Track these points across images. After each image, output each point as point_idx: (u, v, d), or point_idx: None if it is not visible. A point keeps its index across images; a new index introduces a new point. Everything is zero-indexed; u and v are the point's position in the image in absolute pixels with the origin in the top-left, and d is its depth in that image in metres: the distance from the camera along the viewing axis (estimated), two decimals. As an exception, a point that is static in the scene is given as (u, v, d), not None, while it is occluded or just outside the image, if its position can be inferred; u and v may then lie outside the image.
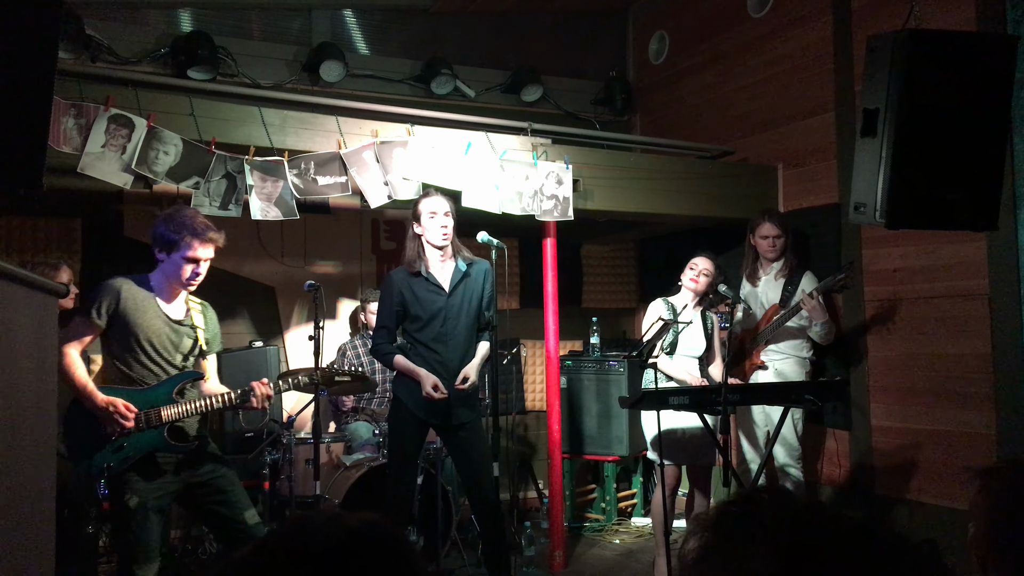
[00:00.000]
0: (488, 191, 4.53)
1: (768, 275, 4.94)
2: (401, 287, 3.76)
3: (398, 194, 4.31)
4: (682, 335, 4.44)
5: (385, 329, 3.75)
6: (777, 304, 4.80)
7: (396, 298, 3.74)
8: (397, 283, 3.76)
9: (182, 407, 3.18)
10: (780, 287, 4.85)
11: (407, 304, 3.77)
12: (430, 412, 3.74)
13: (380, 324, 3.76)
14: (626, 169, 5.12)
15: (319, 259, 5.72)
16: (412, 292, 3.76)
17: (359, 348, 5.32)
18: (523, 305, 6.36)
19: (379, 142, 4.28)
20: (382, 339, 3.75)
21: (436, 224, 3.75)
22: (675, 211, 5.28)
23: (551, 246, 4.88)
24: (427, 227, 3.77)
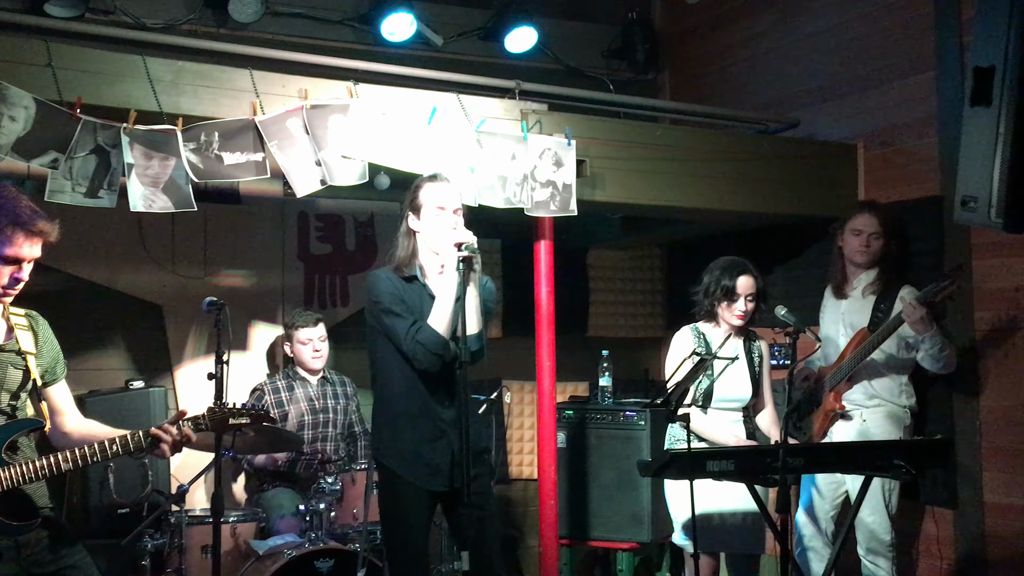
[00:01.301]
0: (460, 175, 4.51)
1: (855, 290, 4.96)
2: (398, 287, 3.78)
3: (335, 178, 4.29)
4: (719, 378, 4.44)
5: (403, 318, 3.69)
6: (866, 328, 4.82)
7: (397, 294, 3.74)
8: (391, 281, 3.78)
9: (17, 469, 3.13)
10: (870, 306, 4.88)
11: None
12: (433, 475, 3.74)
13: (397, 313, 3.69)
14: (650, 147, 5.12)
15: (224, 267, 5.70)
16: (407, 298, 3.77)
17: (283, 392, 5.30)
18: (507, 333, 6.34)
19: (309, 106, 4.27)
20: (408, 324, 3.70)
21: (445, 223, 3.75)
22: (715, 205, 5.30)
23: (546, 252, 4.88)
24: (432, 225, 3.79)
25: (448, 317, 3.63)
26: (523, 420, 6.42)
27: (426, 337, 3.64)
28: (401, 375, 3.74)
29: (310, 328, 5.31)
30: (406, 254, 3.82)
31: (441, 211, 3.78)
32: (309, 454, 5.20)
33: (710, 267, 4.58)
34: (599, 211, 5.28)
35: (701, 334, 4.55)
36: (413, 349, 3.65)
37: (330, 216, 5.97)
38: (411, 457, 3.72)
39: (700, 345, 4.47)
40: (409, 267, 3.80)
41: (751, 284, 4.47)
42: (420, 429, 3.72)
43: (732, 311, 4.47)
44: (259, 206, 5.74)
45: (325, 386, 5.41)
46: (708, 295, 4.52)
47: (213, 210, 5.53)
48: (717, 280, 4.50)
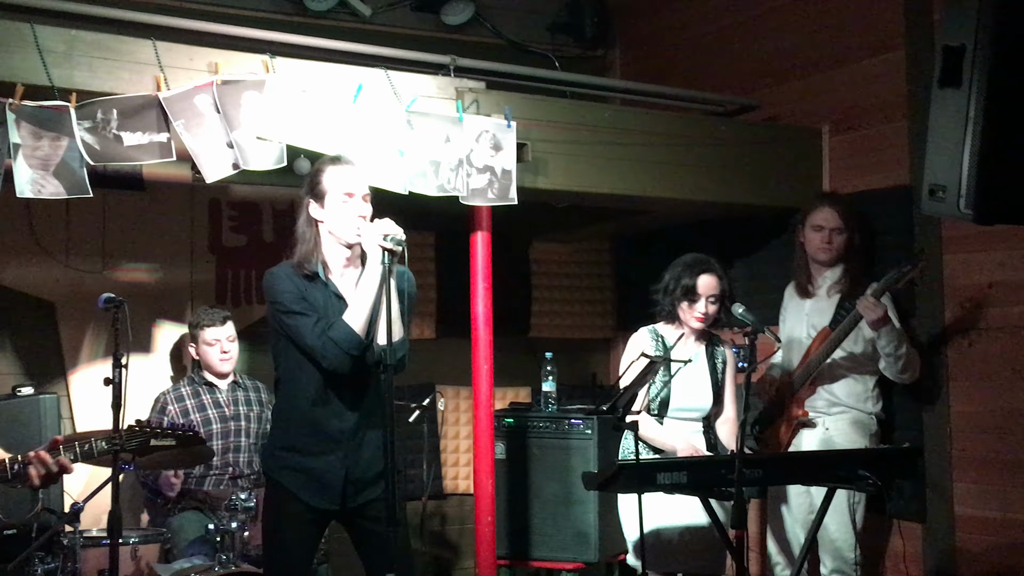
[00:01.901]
0: (388, 159, 4.52)
1: (820, 289, 5.03)
2: (299, 285, 3.75)
3: (249, 162, 4.27)
4: (677, 383, 4.48)
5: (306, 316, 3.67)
6: (828, 328, 4.89)
7: (297, 292, 3.71)
8: (290, 278, 3.75)
9: None
10: (834, 306, 4.96)
11: None
12: (320, 492, 3.74)
13: (299, 311, 3.68)
14: (599, 129, 5.16)
15: (126, 261, 5.65)
16: (309, 297, 3.74)
17: (188, 399, 5.25)
18: (441, 333, 6.34)
19: (220, 81, 4.25)
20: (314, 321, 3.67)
21: (351, 211, 3.72)
22: (669, 194, 5.34)
23: (483, 245, 4.90)
24: (336, 213, 3.74)
25: (367, 314, 3.62)
26: (458, 429, 6.43)
27: (340, 334, 3.62)
28: (304, 381, 3.73)
29: (217, 327, 5.27)
30: (309, 247, 3.78)
31: (349, 198, 3.74)
32: (219, 468, 5.16)
33: (673, 264, 4.61)
34: (542, 200, 5.29)
35: (660, 336, 4.57)
36: (322, 346, 3.62)
37: (245, 204, 5.93)
38: (301, 470, 3.72)
39: (658, 348, 4.49)
40: (311, 263, 3.76)
41: (714, 284, 4.50)
42: (313, 441, 3.73)
43: (692, 312, 4.50)
44: (165, 193, 5.69)
45: (236, 391, 5.37)
46: (668, 293, 4.55)
47: (113, 197, 5.48)
48: (678, 278, 4.52)
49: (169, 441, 3.72)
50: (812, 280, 5.06)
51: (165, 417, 5.17)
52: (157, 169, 5.24)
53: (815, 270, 5.05)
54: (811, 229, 5.02)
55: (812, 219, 5.01)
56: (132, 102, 4.13)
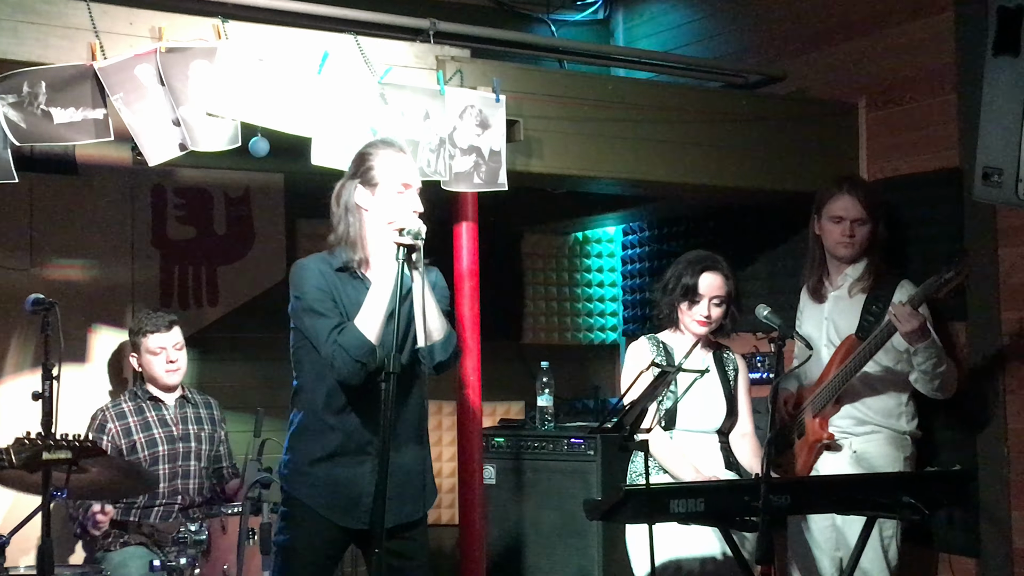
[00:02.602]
0: (358, 138, 4.47)
1: (840, 288, 5.00)
2: (330, 280, 3.84)
3: (198, 142, 4.24)
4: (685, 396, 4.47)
5: (327, 318, 3.77)
6: (854, 335, 4.87)
7: (326, 290, 3.82)
8: (322, 274, 3.85)
9: None
10: (859, 307, 4.94)
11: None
12: (347, 509, 3.80)
13: (320, 312, 3.77)
14: (600, 104, 5.13)
15: (56, 256, 5.62)
16: (343, 294, 3.84)
17: (130, 416, 5.22)
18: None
19: (164, 49, 4.22)
20: (333, 325, 3.76)
21: (405, 202, 3.85)
22: (683, 178, 5.32)
23: (468, 237, 4.88)
24: (394, 207, 3.82)
25: (381, 318, 3.71)
26: (440, 450, 6.40)
27: (348, 340, 3.71)
28: (324, 387, 3.83)
29: (161, 334, 5.23)
30: (354, 235, 3.86)
31: (407, 190, 3.86)
32: (166, 496, 5.13)
33: (676, 261, 4.61)
34: (536, 185, 5.26)
35: (661, 343, 4.57)
36: (332, 353, 3.72)
37: (194, 191, 5.90)
38: (320, 483, 3.80)
39: (660, 356, 4.49)
40: (353, 255, 3.85)
41: (719, 284, 4.50)
42: (342, 451, 3.82)
43: (693, 315, 4.51)
44: (101, 177, 5.66)
45: (185, 407, 5.34)
46: (667, 294, 4.56)
47: (41, 183, 5.44)
48: (678, 277, 4.53)
49: (63, 453, 3.68)
50: (830, 278, 5.03)
51: (104, 436, 5.13)
52: (92, 150, 5.26)
53: (834, 267, 5.02)
54: (829, 220, 4.97)
55: (830, 208, 4.96)
56: (63, 73, 4.09)
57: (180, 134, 4.23)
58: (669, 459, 4.43)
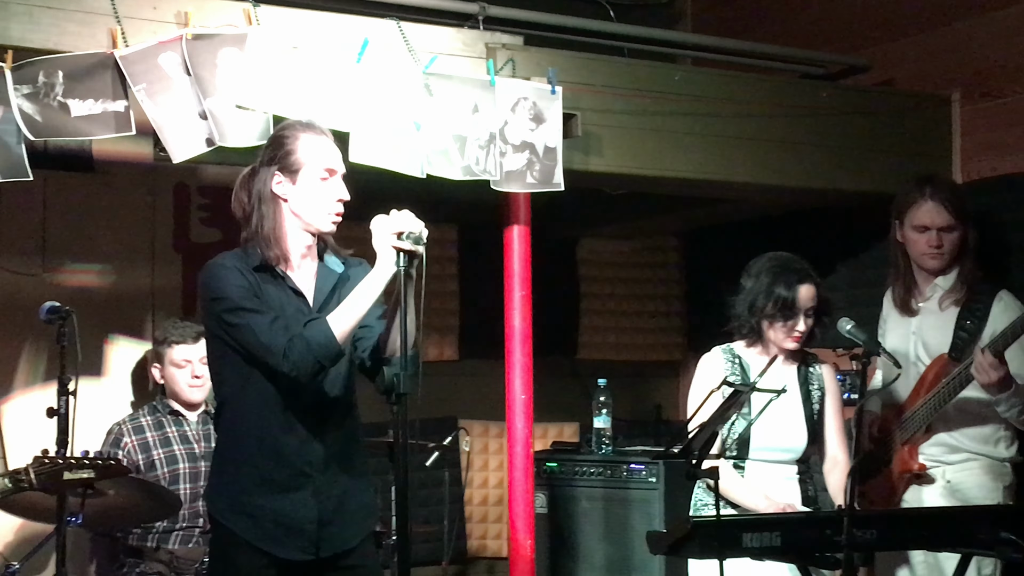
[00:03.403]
0: (401, 134, 4.53)
1: (929, 300, 4.98)
2: (248, 279, 3.73)
3: (226, 137, 4.28)
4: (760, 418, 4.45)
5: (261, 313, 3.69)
6: (947, 355, 4.86)
7: (249, 288, 3.71)
8: (241, 273, 3.74)
9: None
10: (951, 322, 4.91)
11: None
12: (287, 539, 3.73)
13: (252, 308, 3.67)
14: (665, 97, 5.14)
15: (70, 260, 5.67)
16: (262, 295, 3.74)
17: (149, 431, 5.26)
18: (465, 354, 6.36)
19: (191, 36, 4.26)
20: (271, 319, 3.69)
21: (330, 190, 3.76)
22: (757, 178, 5.33)
23: (520, 242, 4.90)
24: (312, 194, 3.76)
25: (356, 322, 3.63)
26: (487, 476, 6.42)
27: (316, 336, 3.60)
28: (259, 401, 3.72)
29: (188, 345, 5.26)
30: (269, 232, 3.74)
31: (331, 175, 3.76)
32: (187, 520, 5.15)
33: (753, 269, 4.53)
34: (594, 186, 5.29)
35: (737, 358, 4.53)
36: (287, 345, 3.59)
37: (219, 190, 5.89)
38: (261, 513, 3.71)
39: (735, 373, 4.46)
40: (269, 251, 3.73)
41: (813, 295, 4.43)
42: (275, 475, 3.72)
43: (787, 332, 4.46)
44: (120, 175, 5.70)
45: (208, 424, 5.33)
46: (754, 311, 4.48)
47: (55, 181, 5.49)
48: (768, 290, 4.43)
49: (87, 472, 3.72)
50: (918, 289, 4.98)
51: (120, 452, 5.16)
52: (111, 145, 5.28)
53: (922, 277, 4.96)
54: (913, 230, 4.89)
55: (912, 216, 4.88)
56: (82, 62, 4.13)
57: (207, 128, 4.26)
58: (734, 488, 4.41)
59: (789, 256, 4.53)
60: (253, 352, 3.66)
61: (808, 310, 4.43)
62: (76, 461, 3.57)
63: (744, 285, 4.52)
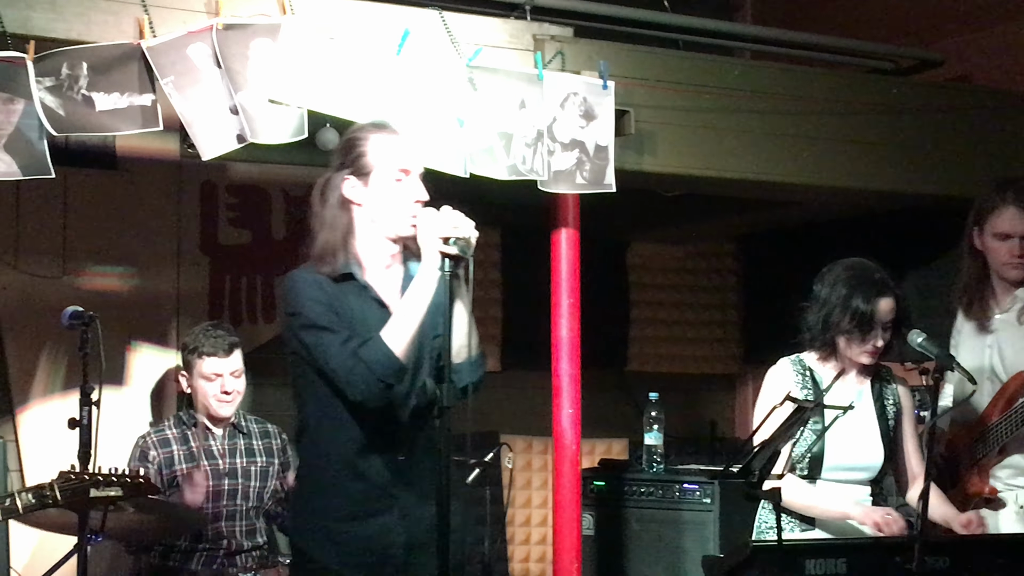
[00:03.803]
0: (442, 131, 4.52)
1: (1008, 312, 4.93)
2: (328, 292, 3.72)
3: (258, 133, 4.28)
4: (835, 433, 4.43)
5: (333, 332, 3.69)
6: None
7: (327, 303, 3.70)
8: (319, 285, 3.72)
9: None
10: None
11: None
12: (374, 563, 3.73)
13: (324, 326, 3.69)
14: (724, 93, 5.14)
15: (92, 263, 5.70)
16: (342, 307, 3.72)
17: (175, 444, 5.25)
18: (508, 365, 6.37)
19: (222, 26, 4.26)
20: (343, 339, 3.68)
21: (407, 193, 3.72)
22: (821, 180, 5.31)
23: (568, 247, 4.89)
24: (386, 196, 3.73)
25: (412, 332, 3.60)
26: (530, 494, 6.42)
27: (373, 354, 3.59)
28: (333, 417, 3.71)
29: (219, 358, 5.20)
30: (337, 241, 3.73)
31: (405, 176, 3.71)
32: (210, 540, 5.15)
33: (827, 278, 4.44)
34: (647, 187, 5.27)
35: (808, 370, 4.47)
36: (350, 369, 3.59)
37: (249, 189, 5.98)
38: (347, 539, 3.71)
39: (805, 386, 4.42)
40: (341, 260, 3.72)
41: (892, 308, 4.38)
42: (360, 498, 3.72)
43: (863, 347, 4.41)
44: (145, 173, 5.73)
45: (235, 438, 5.33)
46: (829, 325, 4.42)
47: (76, 179, 5.52)
48: (845, 303, 4.36)
49: (114, 490, 3.72)
50: (996, 299, 4.93)
51: (150, 466, 5.13)
52: (135, 142, 5.32)
53: (1001, 287, 4.91)
54: (993, 237, 4.84)
55: (993, 223, 4.82)
56: (107, 53, 4.14)
57: (238, 124, 4.26)
58: (815, 501, 4.35)
59: (867, 264, 4.44)
60: (322, 368, 3.66)
61: (886, 323, 4.38)
62: (103, 478, 3.56)
63: (817, 295, 4.44)
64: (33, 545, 5.30)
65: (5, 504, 3.53)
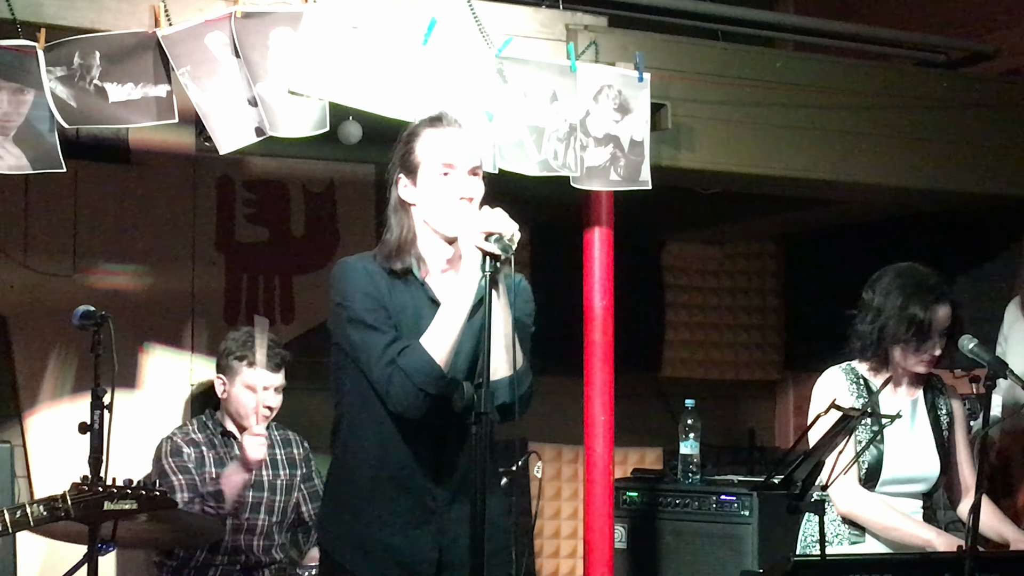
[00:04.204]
0: (470, 123, 4.48)
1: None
2: (380, 286, 3.71)
3: (278, 126, 4.32)
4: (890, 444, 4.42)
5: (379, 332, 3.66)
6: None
7: (377, 297, 3.69)
8: (371, 277, 3.72)
9: None
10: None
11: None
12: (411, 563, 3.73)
13: (371, 324, 3.71)
14: (766, 86, 5.16)
15: (104, 260, 5.73)
16: (395, 303, 3.71)
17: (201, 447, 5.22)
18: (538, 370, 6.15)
19: (241, 14, 4.30)
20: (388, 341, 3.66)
21: (449, 188, 3.68)
22: (868, 177, 5.32)
23: (602, 247, 4.92)
24: (432, 194, 3.72)
25: (454, 337, 3.57)
26: (559, 505, 6.43)
27: (412, 362, 3.56)
28: (373, 416, 3.70)
29: (269, 372, 5.20)
30: (399, 238, 3.72)
31: (450, 170, 3.67)
32: (228, 554, 5.18)
33: (880, 285, 4.45)
34: (685, 184, 5.31)
35: (861, 379, 4.49)
36: (387, 378, 3.58)
37: (267, 184, 6.00)
38: (376, 549, 3.70)
39: (861, 395, 4.43)
40: (401, 256, 3.71)
41: (949, 314, 4.36)
42: (395, 508, 3.70)
43: (919, 356, 4.42)
44: (158, 167, 5.76)
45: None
46: (884, 335, 4.42)
47: (87, 173, 5.55)
48: (901, 311, 4.33)
49: (128, 503, 3.74)
50: None
51: (188, 463, 5.12)
52: (149, 134, 5.38)
53: None
54: None
55: None
56: (121, 42, 4.17)
57: (257, 116, 4.29)
58: (889, 517, 4.35)
59: (920, 270, 4.43)
60: (362, 371, 3.65)
61: (943, 331, 4.37)
62: (118, 490, 3.59)
63: (869, 303, 4.44)
64: (42, 554, 5.32)
65: (16, 516, 3.56)
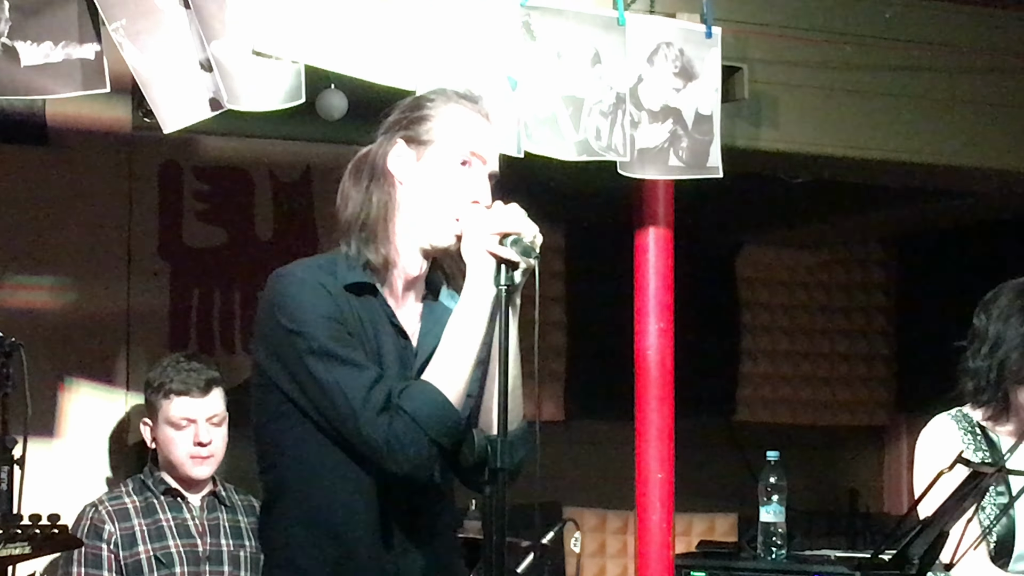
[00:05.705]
0: (488, 93, 4.49)
1: None
2: (341, 306, 3.62)
3: (238, 96, 4.34)
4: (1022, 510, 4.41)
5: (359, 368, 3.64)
6: None
7: (341, 321, 3.63)
8: (328, 293, 3.60)
9: None
10: None
11: None
12: None
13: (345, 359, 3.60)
14: (871, 45, 5.18)
15: (15, 272, 5.77)
16: (353, 327, 3.62)
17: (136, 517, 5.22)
18: (573, 413, 6.38)
19: (191, -45, 4.34)
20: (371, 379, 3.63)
21: (464, 183, 3.61)
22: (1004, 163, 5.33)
23: (658, 252, 4.93)
24: (437, 179, 3.63)
25: (468, 371, 3.52)
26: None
27: (423, 407, 3.50)
28: (325, 481, 3.66)
29: (193, 398, 5.22)
30: (378, 218, 3.64)
31: (474, 159, 3.61)
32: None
33: (995, 309, 4.43)
34: (766, 171, 5.30)
35: (978, 428, 4.48)
36: (384, 428, 3.49)
37: (226, 172, 6.07)
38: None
39: (980, 447, 4.43)
40: (371, 251, 3.62)
41: None
42: None
43: None
44: (85, 152, 5.78)
45: (216, 511, 5.34)
46: (1006, 370, 4.40)
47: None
48: (1023, 342, 4.38)
49: (20, 547, 3.78)
50: None
51: (104, 546, 5.12)
52: (72, 108, 5.38)
53: None
54: None
55: None
56: (38, -10, 4.21)
57: (212, 84, 4.32)
58: None
59: None
60: (332, 423, 3.57)
61: None
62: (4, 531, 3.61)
63: (982, 332, 4.45)
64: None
65: None
